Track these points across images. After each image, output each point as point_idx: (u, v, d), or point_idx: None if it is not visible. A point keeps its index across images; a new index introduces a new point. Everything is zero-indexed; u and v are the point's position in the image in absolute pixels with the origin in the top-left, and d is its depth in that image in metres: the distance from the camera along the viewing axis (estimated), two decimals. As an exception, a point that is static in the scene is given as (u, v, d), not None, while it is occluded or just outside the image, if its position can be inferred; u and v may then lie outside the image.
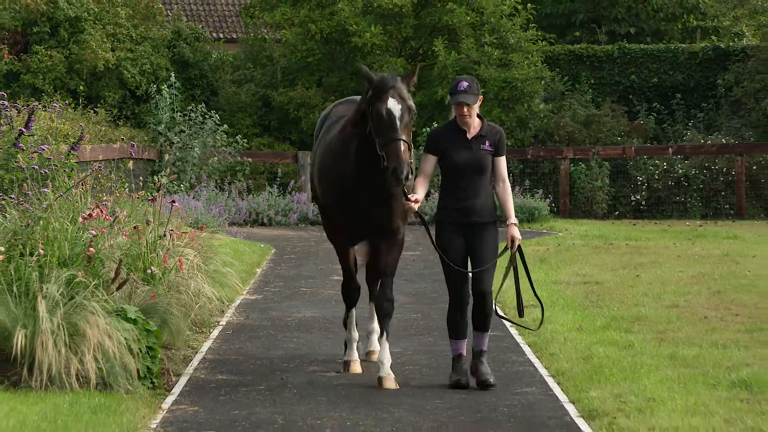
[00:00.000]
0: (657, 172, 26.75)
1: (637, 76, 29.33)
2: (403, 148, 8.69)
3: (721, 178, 26.70)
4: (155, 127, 25.50)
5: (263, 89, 27.58)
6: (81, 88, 26.28)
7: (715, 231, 22.20)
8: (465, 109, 8.92)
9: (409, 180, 8.73)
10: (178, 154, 25.17)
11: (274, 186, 25.52)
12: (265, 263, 17.56)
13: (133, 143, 17.42)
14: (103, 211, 10.33)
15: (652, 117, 28.54)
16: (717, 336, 10.85)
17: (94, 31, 26.60)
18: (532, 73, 26.44)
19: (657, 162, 26.89)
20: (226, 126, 25.88)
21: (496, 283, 9.13)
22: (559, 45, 30.08)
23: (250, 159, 25.98)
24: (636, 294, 13.56)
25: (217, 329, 11.66)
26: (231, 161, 25.64)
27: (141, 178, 21.04)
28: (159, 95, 25.75)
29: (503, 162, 9.08)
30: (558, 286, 14.40)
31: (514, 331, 11.19)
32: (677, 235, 21.28)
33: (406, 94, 8.94)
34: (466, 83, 8.92)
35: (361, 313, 10.33)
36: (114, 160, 18.74)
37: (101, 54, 26.11)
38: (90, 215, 9.90)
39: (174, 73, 26.52)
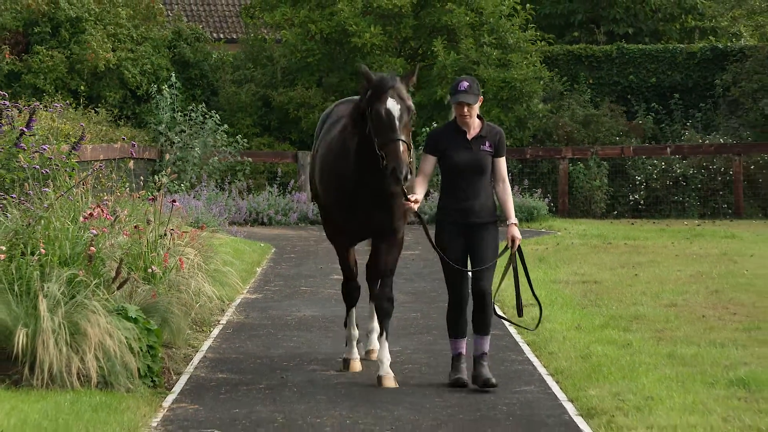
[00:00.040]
0: (655, 172, 26.74)
1: (636, 76, 29.31)
2: (402, 148, 8.67)
3: (719, 177, 26.69)
4: (156, 126, 25.50)
5: (263, 89, 27.58)
6: (82, 88, 26.26)
7: (713, 230, 22.20)
8: (465, 109, 8.89)
9: (408, 180, 8.71)
10: (178, 153, 25.17)
11: (274, 185, 25.53)
12: (265, 262, 17.54)
13: (134, 143, 17.44)
14: (104, 211, 10.32)
15: (650, 117, 28.52)
16: (715, 335, 10.86)
17: (95, 31, 26.60)
18: (530, 73, 26.44)
19: (655, 162, 26.87)
20: (227, 126, 25.88)
21: (494, 283, 9.11)
22: (558, 45, 30.05)
23: (250, 159, 25.99)
24: (634, 293, 13.56)
25: (217, 328, 11.66)
26: (231, 161, 25.65)
27: (142, 177, 21.04)
28: (159, 95, 25.75)
29: (503, 163, 9.05)
30: (557, 285, 14.39)
31: (513, 330, 11.18)
32: (675, 235, 21.28)
33: (406, 95, 8.92)
34: (466, 83, 8.89)
35: (361, 312, 10.34)
36: (115, 159, 18.74)
37: (102, 54, 26.11)
38: (91, 215, 9.90)
39: (174, 73, 26.52)
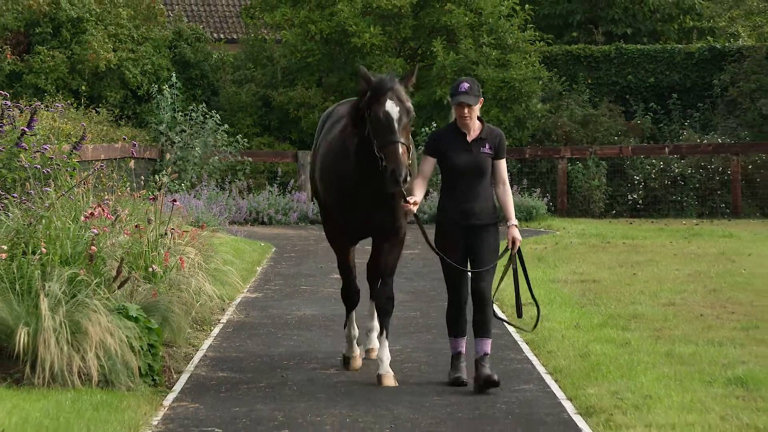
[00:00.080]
0: (653, 172, 26.75)
1: (634, 76, 29.32)
2: (401, 150, 8.65)
3: (717, 177, 26.69)
4: (156, 126, 25.51)
5: (263, 89, 27.59)
6: (83, 88, 26.27)
7: (711, 230, 22.19)
8: (466, 110, 8.87)
9: (407, 182, 8.69)
10: (179, 153, 25.19)
11: (275, 185, 25.55)
12: (265, 262, 17.55)
13: (135, 143, 17.45)
14: (105, 210, 10.32)
15: (648, 117, 28.52)
16: (713, 334, 10.88)
17: (96, 31, 26.61)
18: (529, 73, 26.45)
19: (653, 161, 26.88)
20: (227, 126, 25.89)
21: (494, 283, 9.08)
22: (557, 45, 30.05)
23: (250, 158, 26.00)
24: (633, 292, 13.57)
25: (217, 327, 11.67)
26: (231, 160, 25.67)
27: (142, 177, 21.06)
28: (160, 95, 25.76)
29: (503, 165, 9.02)
30: (555, 284, 14.40)
31: (512, 329, 11.16)
32: (674, 234, 21.29)
33: (405, 96, 8.90)
34: (467, 84, 8.87)
35: (361, 311, 10.32)
36: (116, 159, 18.74)
37: (103, 54, 26.12)
38: (92, 214, 9.92)
39: (175, 74, 26.53)
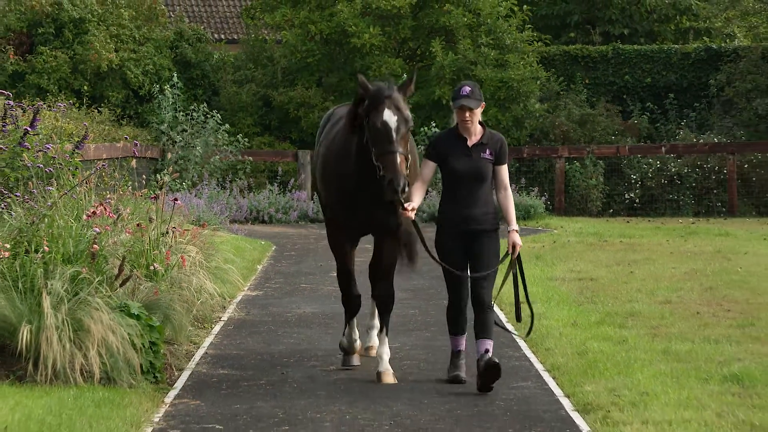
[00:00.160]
0: (650, 171, 26.79)
1: (631, 76, 29.33)
2: (399, 160, 8.63)
3: (713, 176, 26.73)
4: (158, 126, 25.54)
5: (264, 89, 27.61)
6: (85, 88, 26.31)
7: (707, 228, 22.19)
8: (467, 114, 8.82)
9: (405, 192, 8.65)
10: (180, 152, 25.23)
11: (275, 184, 25.59)
12: (265, 260, 17.57)
13: (137, 142, 17.50)
14: (107, 209, 10.34)
15: (645, 116, 28.52)
16: (709, 331, 10.89)
17: (97, 32, 26.63)
18: (527, 73, 26.48)
19: (650, 161, 26.92)
20: (228, 125, 25.91)
21: (495, 288, 9.07)
22: (555, 46, 30.05)
23: (250, 158, 26.03)
24: (630, 290, 13.58)
25: (218, 325, 11.69)
26: (232, 160, 25.71)
27: (144, 176, 21.11)
28: (162, 95, 25.78)
29: (505, 170, 8.97)
30: (553, 282, 14.41)
31: (510, 327, 11.07)
32: (670, 233, 21.30)
33: (403, 105, 8.86)
34: (468, 88, 8.84)
35: (361, 311, 10.37)
36: (117, 158, 18.80)
37: (105, 54, 26.15)
38: (94, 213, 9.94)
39: (176, 74, 26.55)
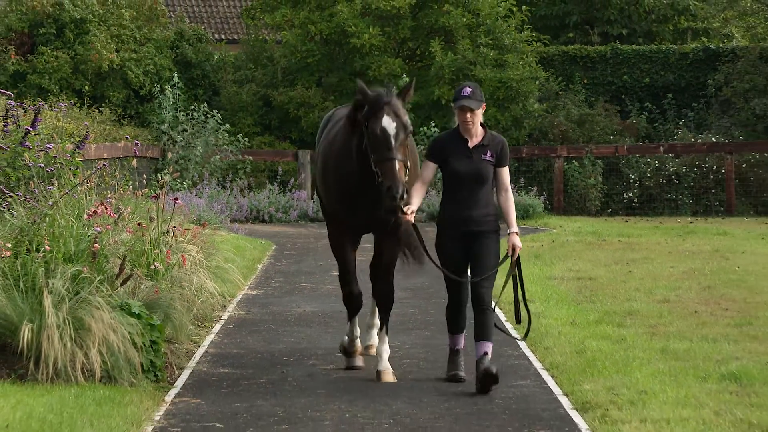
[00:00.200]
0: (649, 170, 26.80)
1: (630, 76, 29.35)
2: (397, 167, 8.63)
3: (711, 176, 26.73)
4: (158, 126, 25.56)
5: (264, 89, 27.63)
6: (86, 88, 26.35)
7: (705, 228, 22.19)
8: (468, 114, 8.81)
9: (404, 199, 8.64)
10: (180, 152, 25.26)
11: (275, 184, 25.61)
12: (265, 259, 17.60)
13: (137, 142, 17.55)
14: (108, 208, 10.36)
15: (643, 116, 28.52)
16: (707, 330, 10.92)
17: (98, 32, 26.66)
18: (526, 73, 26.50)
19: (649, 160, 26.92)
20: (228, 125, 25.94)
21: (495, 293, 9.07)
22: (553, 46, 30.04)
23: (251, 157, 26.06)
24: (628, 289, 13.60)
25: (218, 324, 11.72)
26: (232, 159, 25.74)
27: (144, 175, 21.16)
28: (162, 95, 25.81)
29: (506, 172, 8.97)
30: (552, 281, 14.43)
31: (509, 326, 11.20)
32: (668, 232, 21.30)
33: (402, 111, 8.84)
34: (469, 89, 8.83)
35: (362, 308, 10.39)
36: (118, 158, 18.82)
37: (106, 55, 26.18)
38: (95, 212, 9.96)
39: (177, 74, 26.58)
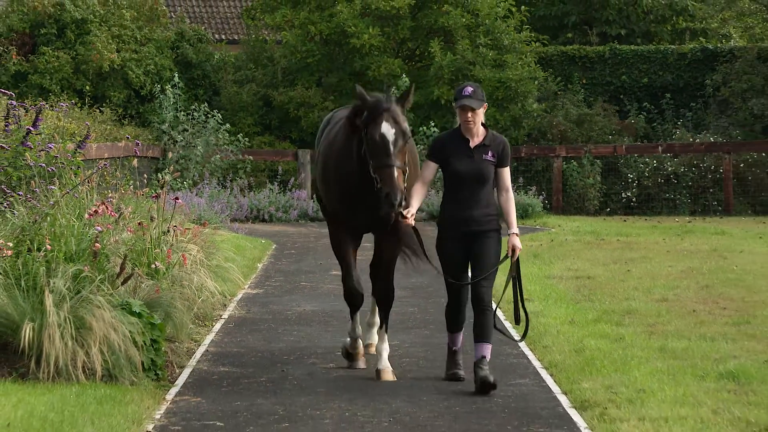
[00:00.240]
0: (647, 170, 26.84)
1: (628, 76, 29.38)
2: (396, 174, 8.64)
3: (709, 175, 26.77)
4: (159, 126, 25.61)
5: (264, 89, 27.66)
6: (87, 88, 26.39)
7: (703, 227, 22.21)
8: (469, 114, 8.81)
9: (401, 206, 8.65)
10: (181, 152, 25.30)
11: (275, 183, 25.65)
12: (266, 258, 17.62)
13: (138, 142, 17.50)
14: (109, 208, 10.37)
15: (642, 116, 28.56)
16: (705, 329, 10.94)
17: (99, 32, 26.69)
18: (525, 73, 26.53)
19: (647, 160, 26.97)
20: (228, 125, 25.97)
21: (496, 294, 9.08)
22: (552, 46, 30.07)
23: (251, 157, 26.10)
24: (626, 288, 13.61)
25: (219, 323, 11.75)
26: (233, 159, 25.77)
27: (145, 175, 21.21)
28: (163, 95, 25.84)
29: (507, 173, 8.97)
30: (551, 280, 14.44)
31: (508, 324, 11.20)
32: (667, 231, 21.31)
33: (401, 118, 8.85)
34: (470, 88, 8.83)
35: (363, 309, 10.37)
36: (119, 158, 18.81)
37: (107, 55, 26.21)
38: (96, 212, 9.98)
39: (177, 74, 26.60)
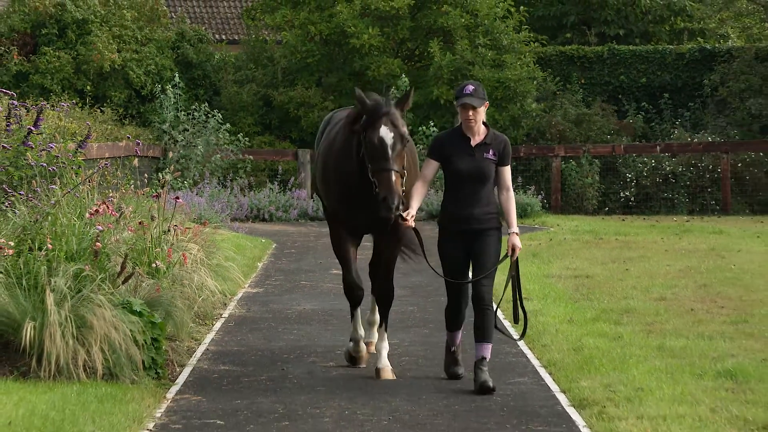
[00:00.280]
0: (645, 170, 26.87)
1: (626, 76, 29.40)
2: (393, 178, 8.64)
3: (707, 175, 26.81)
4: (160, 125, 25.62)
5: (264, 89, 27.68)
6: (88, 88, 26.40)
7: (701, 226, 22.20)
8: (470, 112, 8.81)
9: (399, 210, 8.67)
10: (181, 152, 25.33)
11: (275, 183, 25.68)
12: (266, 257, 17.65)
13: (139, 141, 17.56)
14: (110, 207, 10.38)
15: (640, 116, 28.58)
16: (703, 328, 10.96)
17: (100, 32, 26.72)
18: (524, 73, 26.55)
19: (645, 159, 27.00)
20: (229, 125, 26.00)
21: (497, 294, 9.09)
22: (551, 46, 30.08)
23: (251, 156, 26.13)
24: (625, 287, 13.63)
25: (219, 321, 11.77)
26: (233, 159, 25.80)
27: (146, 175, 21.26)
28: (163, 95, 25.86)
29: (508, 171, 9.00)
30: (549, 279, 14.46)
31: (507, 323, 11.21)
32: (665, 230, 21.31)
33: (400, 121, 8.85)
34: (472, 87, 8.83)
35: (364, 308, 10.30)
36: (120, 157, 18.81)
37: (107, 55, 26.24)
38: (97, 211, 10.00)
39: (178, 74, 26.62)
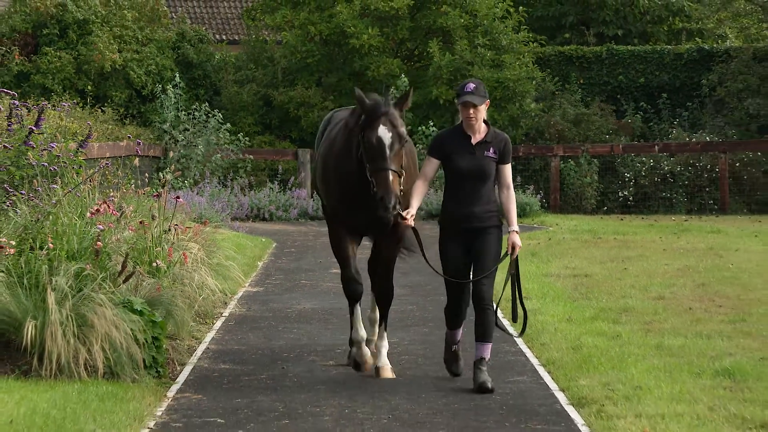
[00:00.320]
0: (644, 169, 26.91)
1: (625, 76, 29.43)
2: (391, 178, 8.65)
3: (706, 174, 26.84)
4: (160, 125, 25.65)
5: (264, 89, 27.70)
6: (89, 88, 26.42)
7: (699, 226, 22.22)
8: (471, 110, 8.80)
9: (396, 209, 8.68)
10: (182, 151, 25.36)
11: (275, 182, 25.70)
12: (266, 257, 17.69)
13: (139, 141, 17.56)
14: (110, 207, 10.40)
15: (639, 116, 28.61)
16: (701, 327, 10.99)
17: (101, 33, 26.74)
18: (523, 73, 26.57)
19: (644, 159, 27.03)
20: (229, 124, 26.03)
21: (497, 293, 9.09)
22: (550, 46, 30.10)
23: (251, 156, 26.17)
24: (623, 286, 13.65)
25: (220, 320, 11.81)
26: (233, 158, 25.83)
27: (147, 174, 21.28)
28: (164, 95, 25.88)
29: (508, 170, 8.96)
30: (548, 278, 14.49)
31: (506, 322, 11.13)
32: (663, 230, 21.33)
33: (399, 121, 8.85)
34: (472, 85, 8.84)
35: (364, 308, 10.37)
36: (121, 157, 18.82)
37: (108, 55, 26.27)
38: (97, 210, 10.02)
39: (178, 74, 26.61)
